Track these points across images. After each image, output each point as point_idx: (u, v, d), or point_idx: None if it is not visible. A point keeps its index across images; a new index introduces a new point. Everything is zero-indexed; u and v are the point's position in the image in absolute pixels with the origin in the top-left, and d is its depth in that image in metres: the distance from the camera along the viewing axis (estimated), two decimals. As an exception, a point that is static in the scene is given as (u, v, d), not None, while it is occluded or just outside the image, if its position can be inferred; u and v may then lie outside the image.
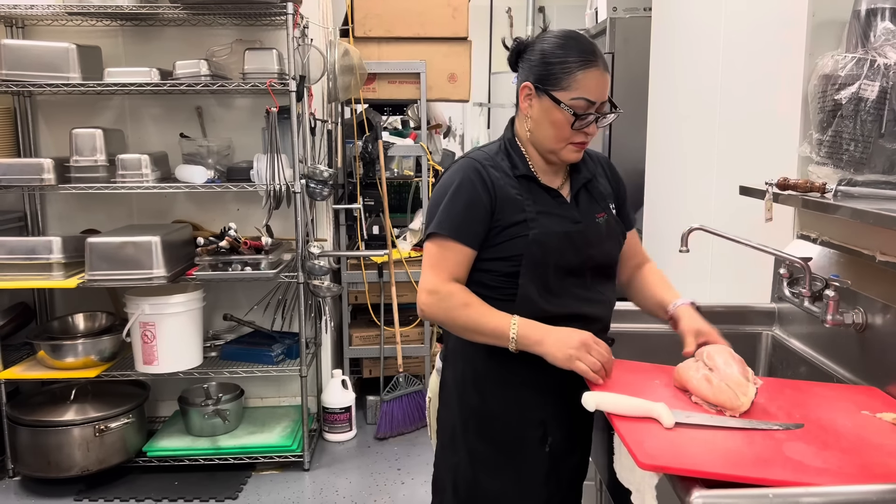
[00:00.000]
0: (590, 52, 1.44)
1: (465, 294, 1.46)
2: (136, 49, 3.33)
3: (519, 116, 1.55)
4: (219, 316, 3.47)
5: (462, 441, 1.56)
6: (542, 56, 1.46)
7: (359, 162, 3.69)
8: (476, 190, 1.46)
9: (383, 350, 3.73)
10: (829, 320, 1.51)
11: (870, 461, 1.09)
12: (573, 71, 1.42)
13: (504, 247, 1.46)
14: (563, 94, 1.43)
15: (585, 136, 1.48)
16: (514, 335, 1.40)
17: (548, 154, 1.51)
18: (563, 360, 1.38)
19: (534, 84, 1.47)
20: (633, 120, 3.36)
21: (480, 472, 1.55)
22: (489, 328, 1.43)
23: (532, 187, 1.50)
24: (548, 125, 1.47)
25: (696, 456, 1.07)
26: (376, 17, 3.61)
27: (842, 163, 1.59)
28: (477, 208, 1.46)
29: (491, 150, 1.55)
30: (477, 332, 1.45)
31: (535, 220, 1.46)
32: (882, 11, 1.58)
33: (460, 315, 1.44)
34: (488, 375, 1.53)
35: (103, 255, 2.90)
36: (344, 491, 3.08)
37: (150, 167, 3.05)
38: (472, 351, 1.53)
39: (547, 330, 1.41)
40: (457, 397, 1.57)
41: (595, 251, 1.52)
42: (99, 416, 2.99)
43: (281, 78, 3.05)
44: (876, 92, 1.52)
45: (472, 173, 1.48)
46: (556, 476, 1.59)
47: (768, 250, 1.68)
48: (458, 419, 1.56)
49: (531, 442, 1.54)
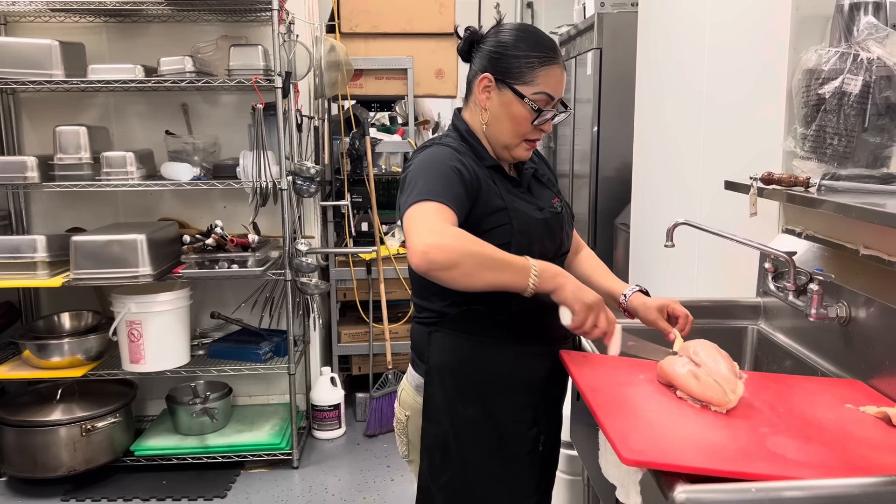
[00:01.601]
0: (552, 49, 1.44)
1: (471, 235, 1.30)
2: (120, 46, 3.30)
3: (471, 108, 1.51)
4: (206, 314, 3.45)
5: (457, 455, 1.49)
6: (503, 48, 1.44)
7: (346, 158, 3.68)
8: (457, 168, 1.39)
9: (372, 347, 3.72)
10: (814, 314, 1.51)
11: (853, 454, 1.09)
12: (536, 66, 1.41)
13: (489, 235, 1.39)
14: (525, 88, 1.42)
15: (540, 133, 1.47)
16: (536, 272, 1.29)
17: (500, 150, 1.49)
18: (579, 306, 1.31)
19: (494, 76, 1.44)
20: (621, 115, 3.37)
21: (478, 484, 1.49)
22: (507, 260, 1.28)
23: (500, 178, 1.48)
24: (506, 119, 1.45)
25: (679, 451, 1.07)
26: (363, 12, 3.61)
27: (826, 157, 1.60)
28: (460, 183, 1.37)
29: (450, 141, 1.49)
30: (495, 265, 1.28)
31: (514, 209, 1.44)
32: (865, 6, 1.58)
33: (474, 249, 1.26)
34: (480, 383, 1.48)
35: (88, 253, 2.88)
36: (333, 488, 3.07)
37: (136, 165, 3.03)
38: (458, 361, 1.48)
39: (562, 274, 1.33)
40: (446, 411, 1.49)
41: (564, 237, 1.53)
42: (86, 416, 2.98)
43: (267, 74, 3.03)
44: (859, 86, 1.52)
45: (449, 154, 1.42)
46: (548, 476, 1.59)
47: (753, 245, 1.68)
48: (451, 433, 1.48)
49: (526, 443, 1.52)
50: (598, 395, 1.28)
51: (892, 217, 1.26)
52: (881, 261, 1.40)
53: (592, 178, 3.61)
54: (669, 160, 2.67)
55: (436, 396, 1.50)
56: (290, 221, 3.16)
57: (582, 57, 3.78)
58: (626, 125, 3.21)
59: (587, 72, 3.64)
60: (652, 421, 1.19)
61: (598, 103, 3.55)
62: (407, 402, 1.60)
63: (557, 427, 1.62)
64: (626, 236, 3.21)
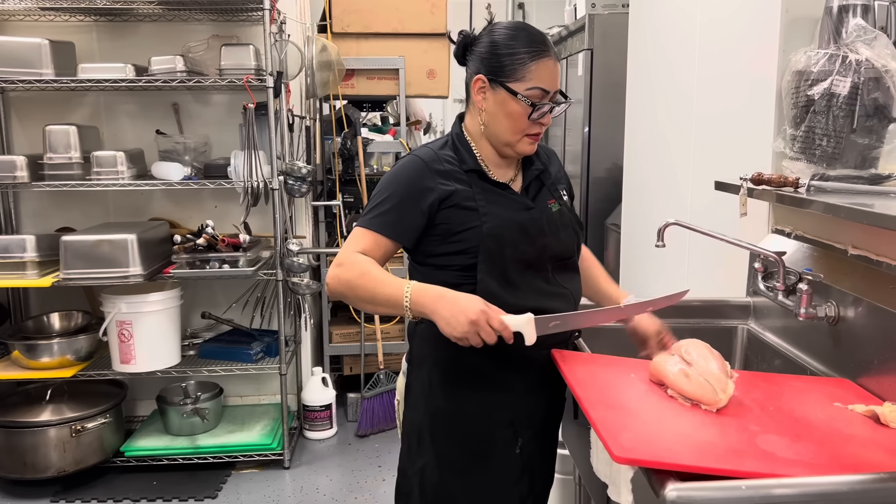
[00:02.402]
0: (542, 42, 1.45)
1: (367, 263, 1.40)
2: (110, 45, 3.29)
3: (470, 111, 1.53)
4: (197, 314, 3.44)
5: (429, 444, 1.53)
6: (493, 48, 1.45)
7: (338, 158, 3.68)
8: (414, 186, 1.44)
9: (364, 347, 3.72)
10: (803, 314, 1.52)
11: (841, 452, 1.10)
12: (527, 61, 1.42)
13: (459, 239, 1.44)
14: (518, 85, 1.43)
15: (540, 126, 1.48)
16: (409, 303, 1.34)
17: (503, 147, 1.50)
18: (455, 338, 1.32)
19: (487, 76, 1.46)
20: (612, 116, 3.38)
21: (448, 475, 1.53)
22: (383, 297, 1.37)
23: (480, 182, 1.49)
24: (503, 117, 1.46)
25: (670, 449, 1.07)
26: (354, 12, 3.61)
27: (815, 158, 1.61)
28: (411, 203, 1.44)
29: (436, 146, 1.53)
30: (373, 301, 1.39)
31: (487, 212, 1.45)
32: (854, 8, 1.59)
33: (357, 284, 1.38)
34: (454, 377, 1.51)
35: (78, 253, 2.87)
36: (325, 489, 3.07)
37: (126, 164, 3.02)
38: (437, 353, 1.51)
39: (438, 299, 1.33)
40: (423, 400, 1.54)
41: (549, 240, 1.50)
42: (75, 417, 2.96)
43: (258, 74, 3.02)
44: (848, 87, 1.53)
45: (414, 169, 1.47)
46: (529, 478, 1.59)
47: (743, 245, 1.69)
48: (425, 422, 1.54)
49: (501, 443, 1.53)
50: (589, 393, 1.28)
51: (880, 217, 1.27)
52: (869, 261, 1.41)
53: (583, 178, 3.62)
54: (660, 161, 2.69)
55: (415, 385, 1.57)
56: (281, 221, 3.16)
57: (573, 58, 3.79)
58: (616, 126, 3.22)
59: (578, 72, 3.65)
60: (643, 419, 1.20)
61: (590, 104, 3.56)
62: (400, 388, 1.66)
63: (544, 432, 1.61)
64: (616, 236, 3.23)
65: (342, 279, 1.40)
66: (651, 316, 1.58)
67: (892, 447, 1.13)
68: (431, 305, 1.33)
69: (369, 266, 1.40)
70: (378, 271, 1.40)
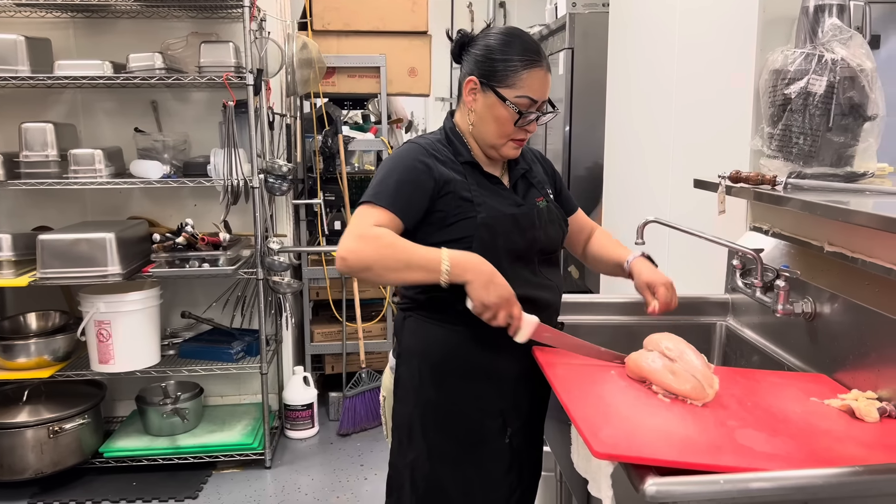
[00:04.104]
0: (535, 52, 1.49)
1: (392, 235, 1.39)
2: (87, 41, 3.26)
3: (461, 109, 1.57)
4: (177, 313, 3.41)
5: (420, 437, 1.55)
6: (488, 52, 1.48)
7: (319, 157, 3.66)
8: (417, 169, 1.46)
9: (345, 346, 3.71)
10: (780, 310, 1.54)
11: (817, 446, 1.12)
12: (519, 69, 1.46)
13: (454, 228, 1.46)
14: (508, 92, 1.46)
15: (526, 133, 1.52)
16: (448, 265, 1.35)
17: (488, 149, 1.54)
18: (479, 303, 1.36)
19: (479, 79, 1.49)
20: (592, 115, 3.39)
21: (439, 466, 1.54)
22: (418, 261, 1.36)
23: (475, 173, 1.52)
24: (491, 120, 1.49)
25: (650, 444, 1.08)
26: (335, 10, 3.59)
27: (791, 156, 1.63)
28: (415, 187, 1.45)
29: (432, 138, 1.56)
30: (407, 265, 1.37)
31: (482, 203, 1.47)
32: (829, 8, 1.61)
33: (387, 253, 1.36)
34: (444, 368, 1.53)
35: (56, 252, 2.84)
36: (306, 488, 3.06)
37: (104, 162, 2.99)
38: (427, 345, 1.53)
39: (481, 264, 1.37)
40: (413, 393, 1.56)
41: (539, 234, 1.54)
42: (53, 418, 2.93)
43: (238, 71, 3.01)
44: (824, 86, 1.55)
45: (416, 153, 1.49)
46: (518, 468, 1.60)
47: (721, 242, 1.71)
48: (415, 415, 1.55)
49: (491, 434, 1.55)
50: (569, 389, 1.29)
51: (855, 214, 1.29)
52: (845, 257, 1.43)
53: (564, 176, 3.63)
54: (640, 159, 2.70)
55: (404, 379, 1.58)
56: (261, 220, 3.14)
57: (554, 57, 3.80)
58: (597, 125, 3.23)
59: (559, 71, 3.66)
60: (623, 415, 1.21)
61: (570, 103, 3.57)
62: (386, 384, 1.67)
63: (531, 422, 1.63)
64: (597, 234, 3.23)
65: (364, 252, 1.36)
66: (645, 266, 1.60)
67: (867, 441, 1.15)
68: (474, 269, 1.36)
69: (396, 237, 1.39)
70: (405, 241, 1.38)
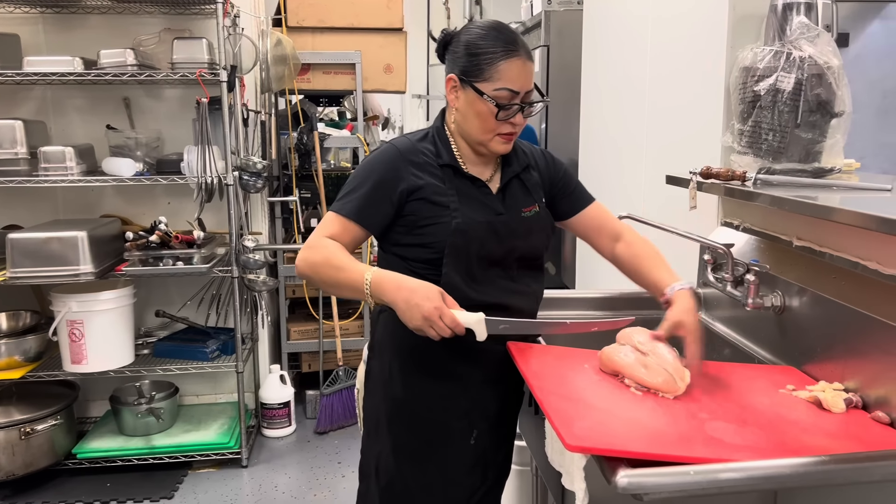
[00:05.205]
0: (511, 42, 1.44)
1: (333, 248, 1.42)
2: (57, 37, 3.21)
3: (448, 108, 1.55)
4: (151, 312, 3.38)
5: (386, 431, 1.56)
6: (465, 47, 1.46)
7: (294, 154, 3.65)
8: (384, 176, 1.46)
9: (322, 344, 3.70)
10: (750, 304, 1.56)
11: (786, 437, 1.14)
12: (495, 61, 1.42)
13: (425, 233, 1.46)
14: (485, 86, 1.43)
15: (512, 126, 1.47)
16: (369, 290, 1.36)
17: (476, 146, 1.51)
18: (412, 328, 1.35)
19: (458, 76, 1.47)
20: (568, 112, 3.41)
21: (403, 461, 1.55)
22: (345, 282, 1.39)
23: (455, 177, 1.50)
24: (473, 116, 1.47)
25: (621, 437, 1.09)
26: (309, 6, 3.57)
27: (761, 152, 1.65)
28: (380, 193, 1.45)
29: (415, 137, 1.55)
30: (336, 286, 1.42)
31: (457, 208, 1.46)
32: (797, 6, 1.64)
33: (323, 270, 1.41)
34: (413, 366, 1.53)
35: (26, 251, 2.80)
36: (284, 487, 3.05)
37: (75, 160, 2.96)
38: (398, 342, 1.53)
39: (397, 289, 1.35)
40: (382, 386, 1.57)
41: (519, 242, 1.52)
42: (24, 419, 2.89)
43: (211, 68, 2.98)
44: (792, 83, 1.58)
45: (387, 159, 1.48)
46: (483, 469, 1.60)
47: (693, 237, 1.73)
48: (382, 409, 1.56)
49: (456, 434, 1.55)
50: (543, 383, 1.30)
51: (822, 209, 1.31)
52: (813, 251, 1.45)
53: (540, 173, 3.64)
54: (613, 156, 2.72)
55: (375, 372, 1.60)
56: (236, 217, 3.12)
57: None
58: (573, 122, 3.25)
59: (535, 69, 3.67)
60: (595, 408, 1.22)
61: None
62: (360, 376, 1.69)
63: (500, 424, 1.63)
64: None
65: (309, 262, 1.43)
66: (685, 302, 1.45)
67: (833, 431, 1.17)
68: (391, 294, 1.36)
69: (335, 250, 1.42)
70: (342, 256, 1.41)
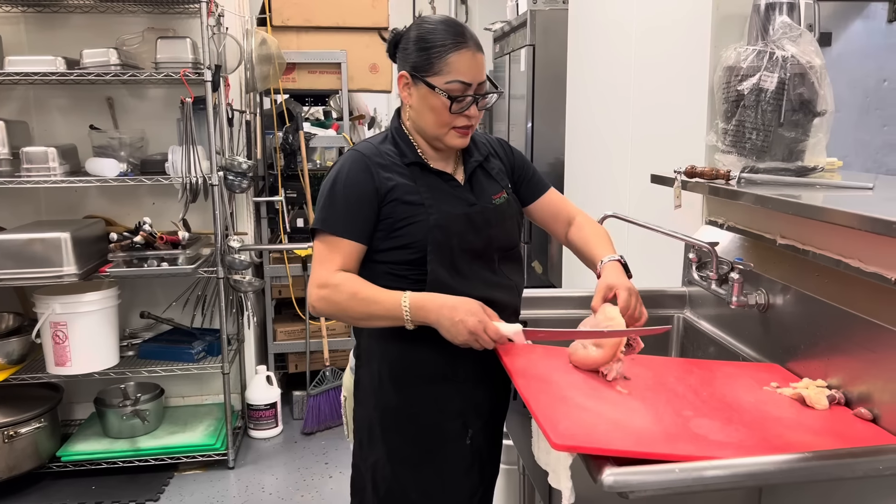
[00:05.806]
0: (459, 34, 1.44)
1: (354, 282, 1.44)
2: (39, 37, 3.18)
3: (403, 107, 1.54)
4: (135, 314, 3.36)
5: (380, 439, 1.54)
6: (414, 43, 1.46)
7: (279, 153, 3.63)
8: (359, 182, 1.45)
9: (309, 344, 3.68)
10: (734, 302, 1.58)
11: (770, 434, 1.14)
12: (444, 54, 1.42)
13: (403, 234, 1.45)
14: (436, 79, 1.43)
15: (468, 119, 1.47)
16: (408, 315, 1.39)
17: (433, 141, 1.51)
18: (457, 343, 1.38)
19: (409, 72, 1.46)
20: (554, 111, 3.42)
21: (400, 468, 1.53)
22: (380, 313, 1.41)
23: (423, 174, 1.50)
24: (427, 111, 1.46)
25: (607, 435, 1.10)
26: (294, 5, 3.56)
27: (745, 151, 1.66)
28: (361, 201, 1.45)
29: (376, 140, 1.54)
30: (370, 318, 1.44)
31: (431, 205, 1.46)
32: (780, 6, 1.65)
33: (351, 306, 1.42)
34: (404, 371, 1.52)
35: (8, 252, 2.77)
36: (270, 487, 3.04)
37: (58, 160, 2.93)
38: (386, 348, 1.52)
39: (440, 308, 1.38)
40: (373, 395, 1.55)
41: (496, 231, 1.52)
42: (8, 422, 2.86)
43: (195, 67, 2.96)
44: (775, 83, 1.59)
45: (356, 165, 1.47)
46: (479, 468, 1.60)
47: (678, 236, 1.74)
48: (375, 417, 1.54)
49: (451, 435, 1.54)
50: (529, 383, 1.30)
51: (805, 208, 1.32)
52: (796, 249, 1.47)
53: (527, 172, 3.65)
54: (599, 155, 2.73)
55: (364, 381, 1.58)
56: (221, 218, 3.10)
57: (515, 53, 3.82)
58: (559, 121, 3.26)
59: (521, 68, 3.68)
60: (582, 407, 1.22)
61: (532, 99, 3.59)
62: (346, 384, 1.67)
63: (492, 421, 1.63)
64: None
65: (331, 301, 1.43)
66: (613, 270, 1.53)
67: (816, 428, 1.18)
68: (434, 315, 1.38)
69: (356, 283, 1.43)
70: (366, 288, 1.43)
